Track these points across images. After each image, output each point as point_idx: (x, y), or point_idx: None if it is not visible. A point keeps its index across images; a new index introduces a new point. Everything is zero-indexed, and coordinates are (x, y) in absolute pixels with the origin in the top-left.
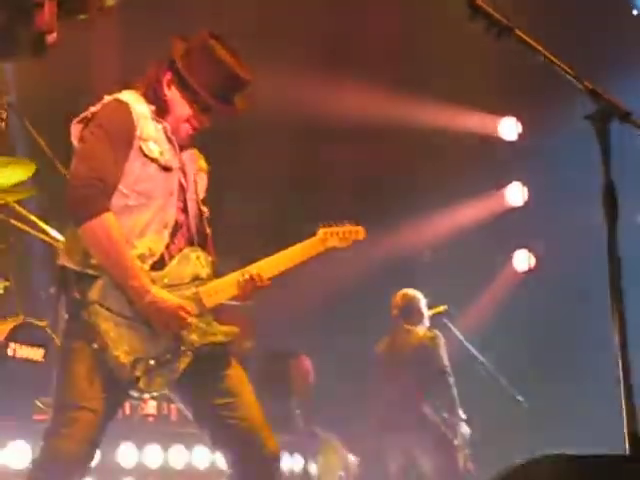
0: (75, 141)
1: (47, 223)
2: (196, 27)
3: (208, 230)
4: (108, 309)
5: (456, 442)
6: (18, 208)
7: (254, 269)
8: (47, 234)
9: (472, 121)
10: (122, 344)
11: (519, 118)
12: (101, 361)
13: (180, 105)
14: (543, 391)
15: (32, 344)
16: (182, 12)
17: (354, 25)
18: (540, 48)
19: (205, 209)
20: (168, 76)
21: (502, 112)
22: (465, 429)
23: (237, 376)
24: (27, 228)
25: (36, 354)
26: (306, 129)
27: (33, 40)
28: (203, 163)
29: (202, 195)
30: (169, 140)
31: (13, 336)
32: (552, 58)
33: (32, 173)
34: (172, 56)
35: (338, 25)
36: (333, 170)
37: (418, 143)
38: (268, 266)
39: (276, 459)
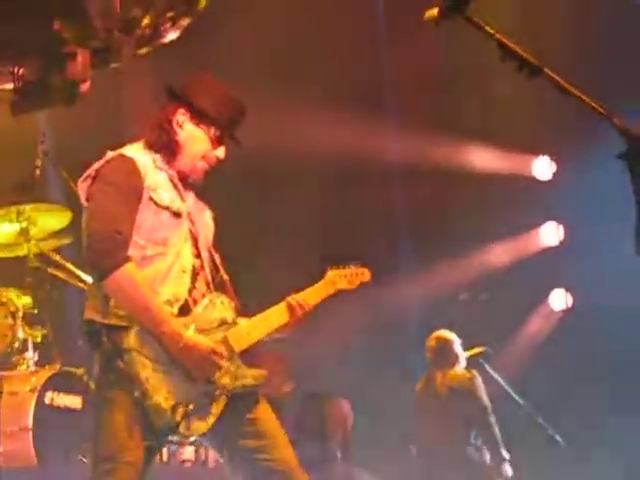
0: (83, 200)
1: (82, 270)
2: (224, 74)
3: (225, 276)
4: (145, 356)
5: None
6: (53, 256)
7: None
8: (83, 281)
9: (506, 161)
10: (161, 390)
11: (553, 157)
12: (140, 409)
13: (195, 142)
14: (582, 431)
15: (70, 392)
16: (208, 59)
17: (386, 67)
18: (569, 87)
19: (217, 255)
20: (180, 113)
21: (536, 151)
22: (508, 469)
23: (268, 418)
24: (63, 276)
25: (74, 402)
26: (338, 173)
27: (66, 89)
28: (208, 210)
29: (211, 241)
30: (175, 187)
31: (51, 384)
32: (582, 96)
33: (68, 221)
34: (180, 93)
35: (370, 68)
36: (366, 213)
37: (452, 184)
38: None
39: None
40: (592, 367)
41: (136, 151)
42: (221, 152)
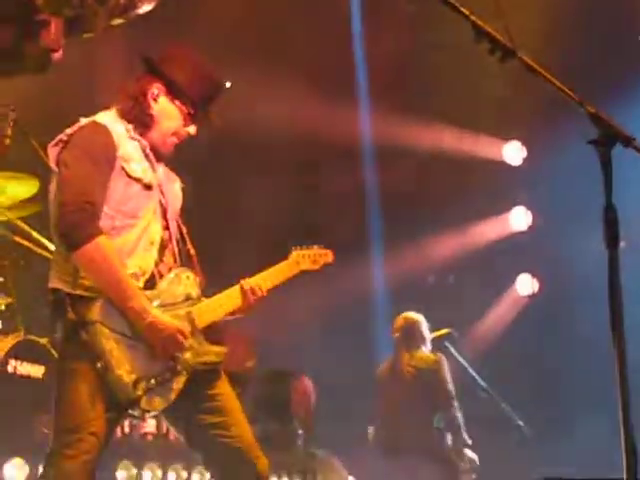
0: (53, 164)
1: (49, 240)
2: (198, 48)
3: (192, 250)
4: (109, 328)
5: (462, 466)
6: (21, 224)
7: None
8: (49, 251)
9: (477, 145)
10: (124, 363)
11: (524, 142)
12: (103, 381)
13: (168, 117)
14: (545, 416)
15: (33, 361)
16: (183, 34)
17: (359, 49)
18: (543, 72)
19: (184, 227)
20: (155, 87)
21: (507, 136)
22: (471, 454)
23: (228, 395)
24: (29, 244)
25: (37, 371)
26: (308, 152)
27: (39, 57)
28: (178, 181)
29: (179, 213)
30: (147, 157)
31: (14, 353)
32: (555, 82)
33: (36, 190)
34: (158, 65)
35: (343, 50)
36: (336, 194)
37: (423, 167)
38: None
39: (266, 478)
40: (556, 353)
41: (110, 119)
42: (192, 129)
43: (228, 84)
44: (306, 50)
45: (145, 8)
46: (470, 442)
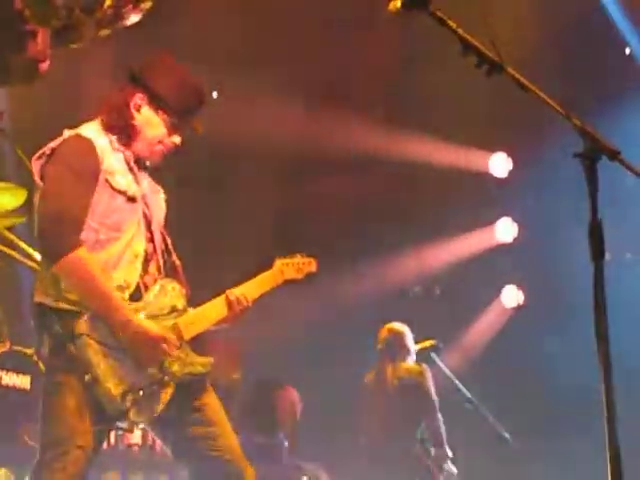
0: (37, 178)
1: (35, 249)
2: (185, 59)
3: (177, 261)
4: (97, 341)
5: (441, 478)
6: (7, 234)
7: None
8: (35, 261)
9: (463, 156)
10: (112, 375)
11: (509, 153)
12: (90, 394)
13: (152, 126)
14: (530, 428)
15: (18, 371)
16: (170, 45)
17: (344, 58)
18: (530, 85)
19: (169, 238)
20: (138, 97)
21: (492, 147)
22: (451, 467)
23: (215, 406)
24: (15, 254)
25: (22, 382)
26: (293, 161)
27: (26, 67)
28: (161, 192)
29: (162, 224)
30: (130, 170)
31: (0, 363)
32: (542, 96)
33: (23, 200)
34: (140, 75)
35: (328, 58)
36: (321, 204)
37: (408, 178)
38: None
39: None
40: (542, 366)
41: (93, 131)
42: (177, 139)
43: (215, 94)
44: (292, 60)
45: (133, 19)
46: (451, 455)
